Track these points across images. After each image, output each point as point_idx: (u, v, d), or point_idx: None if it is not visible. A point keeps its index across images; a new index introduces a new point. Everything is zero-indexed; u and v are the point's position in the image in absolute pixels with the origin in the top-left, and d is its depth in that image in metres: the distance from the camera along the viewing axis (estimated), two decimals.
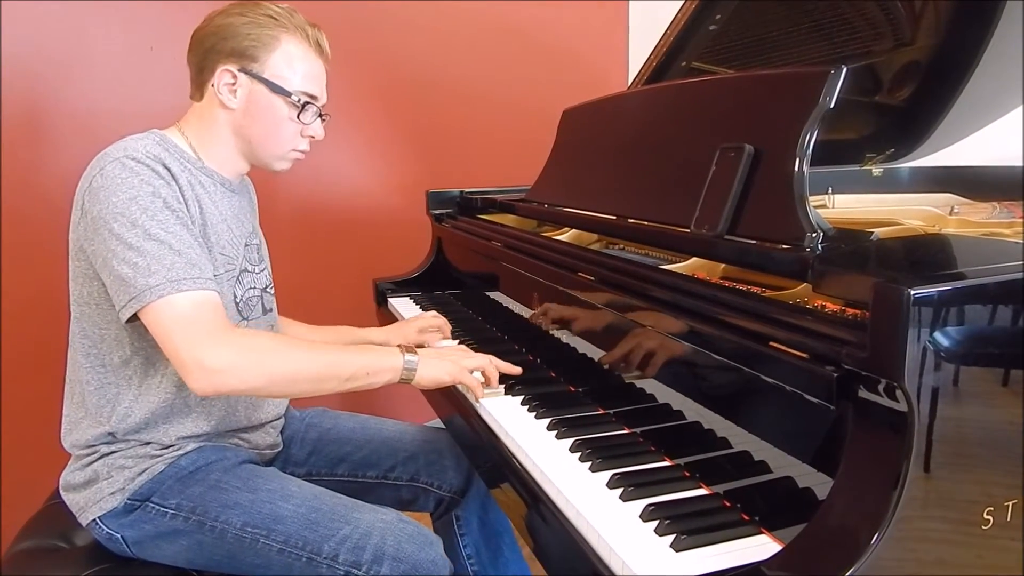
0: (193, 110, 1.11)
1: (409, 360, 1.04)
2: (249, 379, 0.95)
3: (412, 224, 1.97)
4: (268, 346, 0.99)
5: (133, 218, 0.94)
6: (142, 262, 0.93)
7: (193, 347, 0.92)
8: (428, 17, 2.30)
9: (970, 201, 1.56)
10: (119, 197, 0.95)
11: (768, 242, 0.87)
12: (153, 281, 0.93)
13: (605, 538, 0.73)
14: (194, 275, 0.95)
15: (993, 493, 0.65)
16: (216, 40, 1.06)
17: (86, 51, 1.78)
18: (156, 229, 0.95)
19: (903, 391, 0.60)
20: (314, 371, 0.99)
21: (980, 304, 0.64)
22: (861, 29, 1.50)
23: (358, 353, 1.05)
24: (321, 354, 1.02)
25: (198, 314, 0.94)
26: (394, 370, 1.04)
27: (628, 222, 1.18)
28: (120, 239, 0.94)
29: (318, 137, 1.14)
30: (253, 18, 1.06)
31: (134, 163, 0.97)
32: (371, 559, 0.97)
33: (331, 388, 1.01)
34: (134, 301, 0.93)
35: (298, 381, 0.99)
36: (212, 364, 0.91)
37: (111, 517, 1.03)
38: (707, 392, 0.85)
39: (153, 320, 0.94)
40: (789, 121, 0.91)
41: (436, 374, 1.06)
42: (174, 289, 0.93)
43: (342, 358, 1.02)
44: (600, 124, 1.44)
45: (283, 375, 0.97)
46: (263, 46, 1.06)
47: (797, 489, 0.72)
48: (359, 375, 1.01)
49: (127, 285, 0.94)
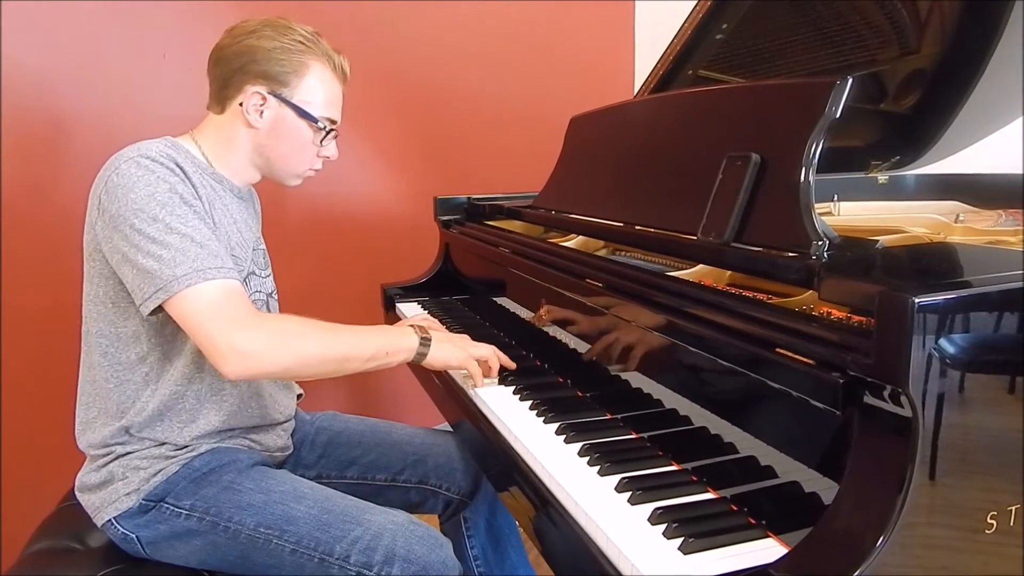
0: (211, 121, 1.13)
1: (424, 341, 1.10)
2: (279, 361, 0.99)
3: (420, 230, 1.99)
4: (297, 330, 1.02)
5: (153, 213, 0.97)
6: (167, 254, 0.95)
7: (227, 332, 0.95)
8: (435, 24, 2.31)
9: (976, 209, 1.57)
10: (137, 193, 0.97)
11: (774, 250, 0.88)
12: (180, 271, 0.95)
13: (614, 540, 0.74)
14: (217, 264, 0.98)
15: (997, 499, 0.65)
16: (246, 61, 1.08)
17: (99, 58, 1.80)
18: (177, 223, 0.97)
19: (908, 397, 0.61)
20: (339, 352, 1.03)
21: (985, 312, 0.64)
22: (867, 37, 1.51)
23: (378, 334, 1.10)
24: (345, 336, 1.05)
25: (227, 301, 0.97)
26: (410, 350, 1.09)
27: (635, 229, 1.19)
28: (142, 234, 0.96)
29: (333, 158, 1.18)
30: (285, 43, 1.08)
31: (149, 161, 1.00)
32: (382, 560, 0.98)
33: (354, 368, 1.05)
34: (160, 292, 0.95)
35: (326, 362, 1.03)
36: (246, 348, 0.95)
37: (126, 517, 1.05)
38: (714, 397, 0.86)
39: (182, 309, 0.96)
40: (795, 130, 0.92)
41: (446, 357, 1.12)
42: (201, 278, 0.95)
43: (364, 339, 1.06)
44: (607, 132, 1.46)
45: (312, 356, 1.01)
46: (294, 72, 1.09)
47: (803, 493, 0.73)
48: (379, 355, 1.06)
49: (153, 277, 0.95)
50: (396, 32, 2.26)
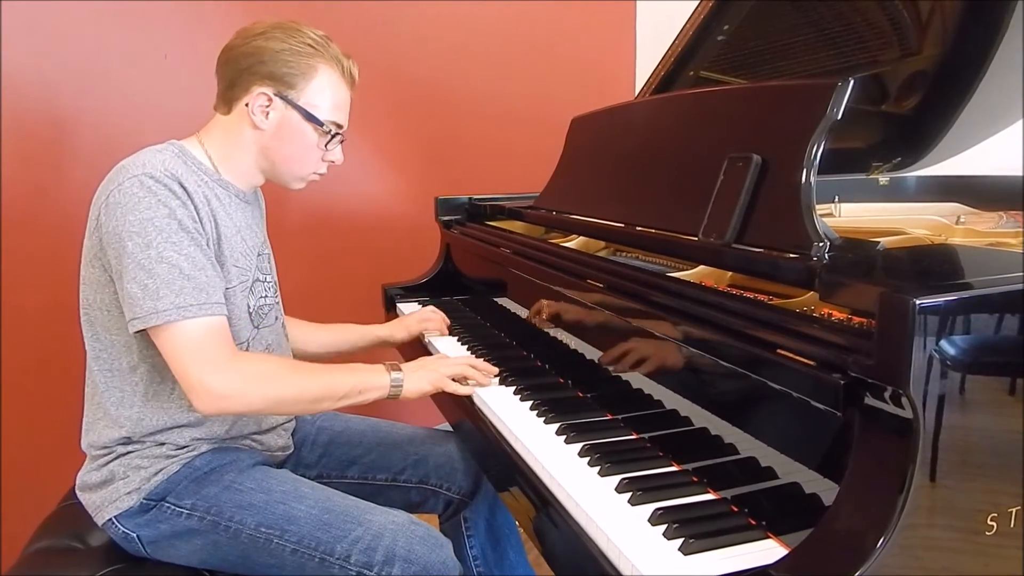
0: (217, 122, 1.13)
1: (395, 377, 1.11)
2: (252, 403, 1.02)
3: (421, 230, 1.99)
4: (270, 372, 1.04)
5: (148, 239, 0.97)
6: (152, 284, 0.96)
7: (200, 373, 0.96)
8: (436, 24, 2.31)
9: (976, 211, 1.57)
10: (136, 216, 0.97)
11: (775, 251, 0.88)
12: (161, 305, 0.96)
13: (614, 541, 0.74)
14: (201, 300, 0.98)
15: (998, 500, 0.65)
16: (254, 61, 1.07)
17: (100, 59, 1.80)
18: (169, 252, 0.97)
19: (909, 399, 0.62)
20: (311, 393, 1.05)
21: (985, 314, 0.65)
22: (868, 39, 1.51)
23: (350, 373, 1.10)
24: (317, 377, 1.07)
25: (205, 339, 0.98)
26: (382, 388, 1.10)
27: (636, 230, 1.19)
28: (133, 258, 0.96)
29: (338, 162, 1.18)
30: (294, 46, 1.08)
31: (152, 182, 0.99)
32: (383, 560, 0.98)
33: (326, 407, 1.08)
34: (138, 321, 0.97)
35: (298, 402, 1.06)
36: (218, 390, 0.97)
37: (127, 516, 1.05)
38: (714, 398, 0.86)
39: (161, 342, 0.98)
40: (797, 132, 0.92)
41: (419, 386, 1.13)
42: (180, 316, 0.96)
43: (336, 379, 1.07)
44: (609, 132, 1.46)
45: (283, 398, 1.04)
46: (301, 75, 1.09)
47: (803, 494, 0.73)
48: (351, 394, 1.08)
49: (135, 304, 0.97)
50: (397, 32, 2.26)
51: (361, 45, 1.29)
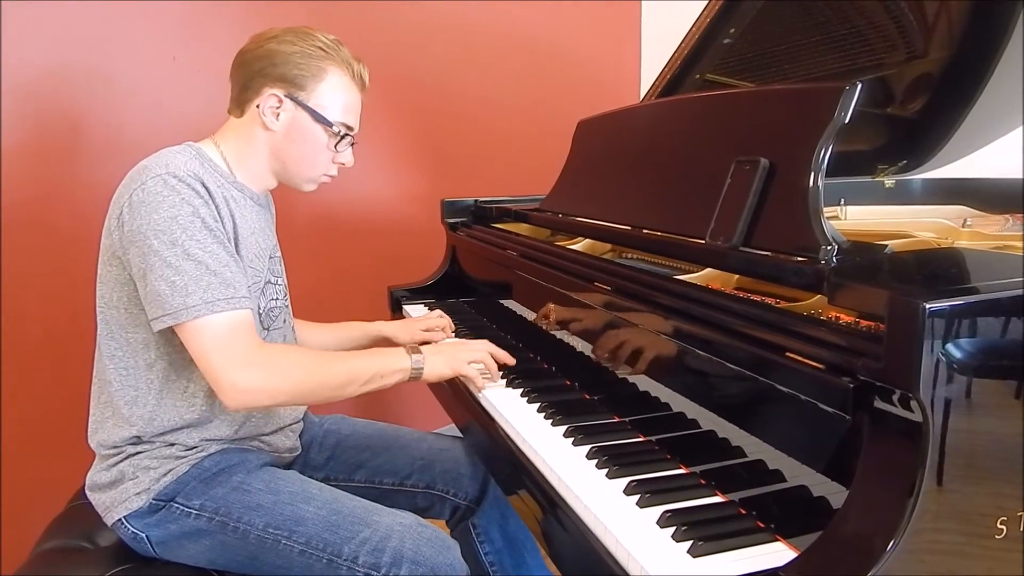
0: (231, 125, 1.15)
1: (416, 360, 1.12)
2: (279, 396, 1.03)
3: (427, 232, 1.99)
4: (295, 363, 1.05)
5: (174, 237, 0.98)
6: (180, 281, 0.97)
7: (228, 369, 0.97)
8: (442, 27, 2.32)
9: (982, 213, 1.57)
10: (160, 215, 0.98)
11: (783, 254, 0.88)
12: (190, 301, 0.97)
13: (623, 543, 0.75)
14: (228, 295, 0.99)
15: (1006, 504, 0.65)
16: (266, 64, 1.09)
17: (108, 60, 1.81)
18: (195, 249, 0.98)
19: (918, 402, 0.62)
20: (337, 380, 1.06)
21: (993, 317, 0.65)
22: (874, 41, 1.51)
23: (372, 357, 1.12)
24: (341, 363, 1.08)
25: (233, 335, 0.99)
26: (403, 371, 1.11)
27: (642, 232, 1.19)
28: (159, 256, 0.97)
29: (348, 165, 1.19)
30: (305, 48, 1.10)
31: (176, 181, 1.00)
32: (390, 561, 0.99)
33: (351, 393, 1.07)
34: (168, 317, 0.98)
35: (323, 390, 1.06)
36: (246, 385, 0.98)
37: (136, 517, 1.05)
38: (722, 401, 0.87)
39: (189, 338, 0.99)
40: (804, 136, 0.92)
41: (439, 369, 1.14)
42: (209, 310, 0.97)
43: (359, 364, 1.09)
44: (615, 135, 1.46)
45: (309, 388, 1.05)
46: (311, 76, 1.10)
47: (812, 498, 0.74)
48: (374, 378, 1.09)
49: (163, 301, 0.97)
50: (403, 34, 2.26)
51: (368, 48, 1.29)
